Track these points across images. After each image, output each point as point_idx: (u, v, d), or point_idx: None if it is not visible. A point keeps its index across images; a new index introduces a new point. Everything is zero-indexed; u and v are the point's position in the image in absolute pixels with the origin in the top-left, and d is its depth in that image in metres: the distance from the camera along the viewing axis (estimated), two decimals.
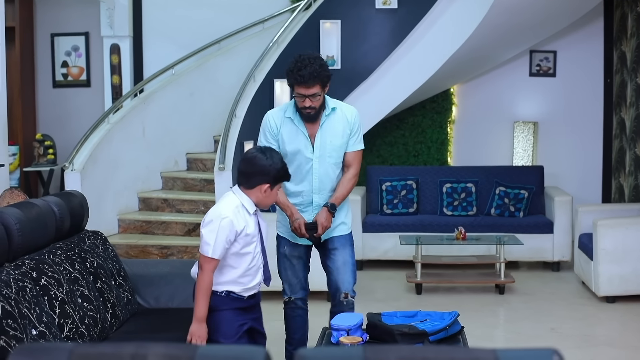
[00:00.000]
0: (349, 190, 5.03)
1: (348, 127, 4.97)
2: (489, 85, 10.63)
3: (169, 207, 8.64)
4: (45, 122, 10.90)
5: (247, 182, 4.17)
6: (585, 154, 10.52)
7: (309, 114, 4.86)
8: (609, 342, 6.34)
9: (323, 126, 4.95)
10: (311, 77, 4.73)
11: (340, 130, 4.96)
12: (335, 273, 5.07)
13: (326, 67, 4.84)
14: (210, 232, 4.05)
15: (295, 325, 5.19)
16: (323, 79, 4.78)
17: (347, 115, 4.99)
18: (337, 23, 9.31)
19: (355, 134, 5.01)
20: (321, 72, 4.76)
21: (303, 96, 4.80)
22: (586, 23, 10.29)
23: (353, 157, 5.04)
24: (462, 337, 4.61)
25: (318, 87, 4.78)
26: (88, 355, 1.95)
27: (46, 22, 10.86)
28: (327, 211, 4.88)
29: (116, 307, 4.81)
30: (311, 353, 1.96)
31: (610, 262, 7.39)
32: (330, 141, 4.95)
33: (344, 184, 5.01)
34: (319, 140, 4.95)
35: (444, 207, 9.33)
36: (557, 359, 1.92)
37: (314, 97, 4.80)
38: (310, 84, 4.75)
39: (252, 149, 4.29)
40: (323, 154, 4.96)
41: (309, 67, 4.73)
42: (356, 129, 5.01)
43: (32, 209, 4.45)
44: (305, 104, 4.82)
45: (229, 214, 4.09)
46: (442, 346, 4.01)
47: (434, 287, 8.15)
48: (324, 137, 4.95)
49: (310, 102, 4.80)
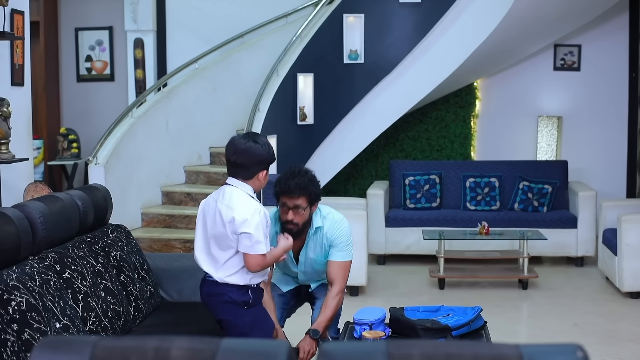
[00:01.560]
0: (333, 311, 4.67)
1: (327, 243, 4.70)
2: (513, 80, 10.58)
3: (192, 201, 8.66)
4: (70, 116, 10.95)
5: (247, 173, 4.13)
6: (609, 148, 10.45)
7: (290, 229, 4.54)
8: (633, 338, 6.30)
9: (308, 245, 4.74)
10: (297, 187, 4.49)
11: (322, 249, 4.73)
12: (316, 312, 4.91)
13: (316, 183, 4.59)
14: (257, 230, 4.02)
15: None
16: (310, 193, 4.52)
17: (328, 233, 4.69)
18: (360, 17, 9.30)
19: (337, 245, 4.69)
20: (308, 186, 4.52)
21: (286, 207, 4.54)
22: (611, 17, 10.22)
23: (336, 270, 4.69)
24: (485, 332, 4.59)
25: (303, 200, 4.52)
26: (111, 349, 1.95)
27: (70, 17, 10.91)
28: (310, 338, 4.57)
29: (139, 300, 4.83)
30: (334, 347, 1.96)
31: (634, 258, 7.34)
32: (315, 260, 4.76)
33: (328, 305, 4.66)
34: (303, 257, 4.78)
35: (467, 201, 9.31)
36: (581, 354, 1.91)
37: (297, 210, 4.52)
38: (295, 195, 4.49)
39: (237, 138, 4.17)
40: (307, 269, 4.83)
41: (297, 179, 4.51)
42: (338, 242, 4.69)
43: (56, 202, 4.47)
44: (288, 217, 4.54)
45: (257, 206, 4.09)
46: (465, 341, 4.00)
47: (457, 282, 8.14)
48: (308, 255, 4.76)
49: (293, 215, 4.53)
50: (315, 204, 4.63)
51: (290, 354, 1.96)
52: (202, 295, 4.31)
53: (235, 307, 4.17)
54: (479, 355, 1.91)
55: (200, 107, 9.35)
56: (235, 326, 4.18)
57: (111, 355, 1.94)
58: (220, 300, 4.18)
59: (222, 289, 4.16)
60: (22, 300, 3.54)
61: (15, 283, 3.60)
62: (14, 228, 3.86)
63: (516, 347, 1.93)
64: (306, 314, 5.04)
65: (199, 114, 9.33)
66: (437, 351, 1.92)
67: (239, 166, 4.14)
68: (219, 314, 4.24)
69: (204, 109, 9.38)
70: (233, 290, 4.16)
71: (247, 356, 1.94)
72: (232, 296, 4.16)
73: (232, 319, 4.19)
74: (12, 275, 3.65)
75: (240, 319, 4.18)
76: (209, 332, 4.47)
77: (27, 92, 6.39)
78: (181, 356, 1.92)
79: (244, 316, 4.18)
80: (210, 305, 4.26)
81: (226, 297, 4.16)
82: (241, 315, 4.18)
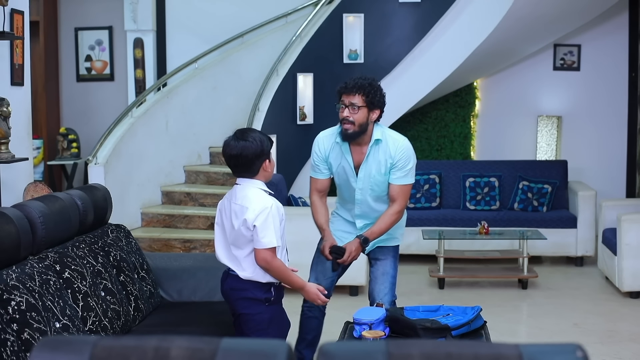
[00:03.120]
0: (388, 226, 4.88)
1: (390, 160, 4.83)
2: (513, 79, 10.58)
3: (192, 200, 8.66)
4: (69, 116, 10.96)
5: (250, 171, 4.14)
6: (609, 148, 10.46)
7: (346, 130, 4.75)
8: (632, 338, 6.30)
9: (368, 158, 4.84)
10: (355, 86, 4.72)
11: (383, 165, 4.84)
12: (373, 282, 5.08)
13: (377, 88, 4.78)
14: (265, 223, 4.03)
15: (309, 326, 5.11)
16: (367, 94, 4.72)
17: (391, 148, 4.84)
18: (360, 17, 9.31)
19: (401, 167, 4.84)
20: (367, 87, 4.73)
21: (344, 105, 4.76)
22: (611, 16, 10.22)
23: (397, 191, 4.85)
24: (485, 332, 4.59)
25: (360, 99, 4.71)
26: (111, 348, 1.95)
27: (70, 17, 10.91)
28: (359, 243, 4.80)
29: (139, 300, 4.83)
30: (334, 347, 1.96)
31: (634, 257, 7.34)
32: (374, 175, 4.86)
33: (384, 219, 4.86)
34: (362, 172, 4.87)
35: (467, 201, 9.31)
36: (580, 354, 1.91)
37: (353, 108, 4.72)
38: (353, 92, 4.72)
39: (228, 141, 4.15)
40: (365, 186, 4.90)
41: (358, 80, 4.75)
42: (402, 163, 4.83)
43: (56, 202, 4.47)
44: (343, 114, 4.75)
45: (269, 200, 4.09)
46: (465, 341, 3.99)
47: (457, 282, 8.14)
48: (369, 170, 4.86)
49: (349, 112, 4.73)
50: (375, 110, 4.78)
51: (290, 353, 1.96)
52: (223, 289, 4.32)
53: (256, 303, 4.19)
54: (478, 355, 1.91)
55: (200, 107, 9.35)
56: (252, 321, 4.21)
57: (111, 355, 1.94)
58: (242, 295, 4.20)
59: (245, 285, 4.18)
60: (21, 300, 3.54)
61: (15, 283, 3.60)
62: (13, 228, 3.86)
63: (516, 346, 1.93)
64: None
65: (198, 114, 9.33)
66: (437, 351, 1.92)
67: (240, 167, 4.16)
68: (238, 308, 4.25)
69: (203, 108, 9.38)
70: (256, 287, 4.18)
71: (246, 356, 1.94)
72: (254, 292, 4.18)
73: (251, 313, 4.21)
74: (12, 275, 3.65)
75: (259, 315, 4.20)
76: (209, 332, 4.47)
77: (26, 91, 6.38)
78: (181, 356, 1.92)
79: (263, 313, 4.20)
80: (231, 299, 4.27)
81: (248, 293, 4.18)
82: (260, 312, 4.20)
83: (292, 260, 4.34)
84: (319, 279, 5.04)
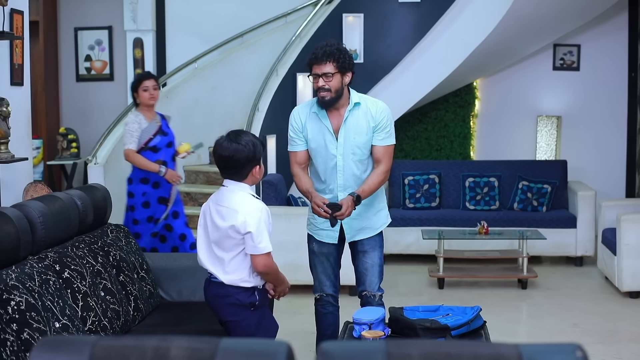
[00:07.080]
0: (377, 184, 4.88)
1: (372, 122, 4.86)
2: (513, 79, 10.58)
3: (191, 200, 8.65)
4: (69, 115, 10.95)
5: (240, 174, 4.10)
6: (609, 148, 10.45)
7: (323, 98, 4.79)
8: (632, 338, 6.30)
9: (347, 122, 4.85)
10: (324, 54, 4.75)
11: (365, 127, 4.85)
12: (364, 274, 5.04)
13: (344, 51, 4.83)
14: (259, 229, 4.00)
15: (326, 323, 5.11)
16: (337, 58, 4.75)
17: (372, 109, 4.86)
18: (359, 17, 9.31)
19: (383, 129, 4.87)
20: (335, 52, 4.76)
21: (317, 75, 4.79)
22: (611, 16, 10.22)
23: (382, 152, 4.90)
24: (485, 332, 4.59)
25: (331, 66, 4.75)
26: (111, 348, 1.96)
27: (70, 16, 10.90)
28: (352, 200, 4.75)
29: (139, 300, 4.83)
30: (333, 347, 1.96)
31: (633, 257, 7.34)
32: (354, 137, 4.85)
33: (372, 177, 4.87)
34: (342, 136, 4.86)
35: (467, 201, 9.31)
36: (580, 354, 1.91)
37: (327, 76, 4.75)
38: (323, 61, 4.75)
39: (220, 141, 4.12)
40: (347, 150, 4.87)
41: (325, 48, 4.78)
42: (383, 123, 4.86)
43: (56, 202, 4.47)
44: (319, 84, 4.78)
45: (257, 204, 4.07)
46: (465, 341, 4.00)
47: (457, 282, 8.14)
48: (348, 133, 4.86)
49: (324, 81, 4.76)
50: (347, 73, 4.82)
51: (290, 353, 1.96)
52: (207, 297, 4.27)
53: (242, 308, 4.14)
54: (478, 355, 1.91)
55: (200, 107, 9.35)
56: (240, 327, 4.15)
57: (110, 354, 1.94)
58: (227, 302, 4.14)
59: (229, 291, 4.12)
60: (21, 300, 3.54)
61: (14, 283, 3.60)
62: (13, 228, 3.86)
63: (515, 346, 1.93)
64: (309, 323, 5.04)
65: (198, 114, 9.33)
66: (436, 351, 1.92)
67: (230, 169, 4.11)
68: (224, 315, 4.19)
69: (203, 108, 9.38)
70: (240, 292, 4.13)
71: (246, 356, 1.94)
72: (239, 298, 4.13)
73: (237, 320, 4.16)
74: (12, 275, 3.65)
75: (245, 321, 4.15)
76: (209, 332, 4.47)
77: (26, 91, 6.38)
78: (180, 356, 1.92)
79: (250, 318, 4.15)
80: (216, 307, 4.22)
81: (233, 299, 4.13)
82: (247, 317, 4.15)
83: (292, 260, 4.34)
84: (321, 280, 5.05)
